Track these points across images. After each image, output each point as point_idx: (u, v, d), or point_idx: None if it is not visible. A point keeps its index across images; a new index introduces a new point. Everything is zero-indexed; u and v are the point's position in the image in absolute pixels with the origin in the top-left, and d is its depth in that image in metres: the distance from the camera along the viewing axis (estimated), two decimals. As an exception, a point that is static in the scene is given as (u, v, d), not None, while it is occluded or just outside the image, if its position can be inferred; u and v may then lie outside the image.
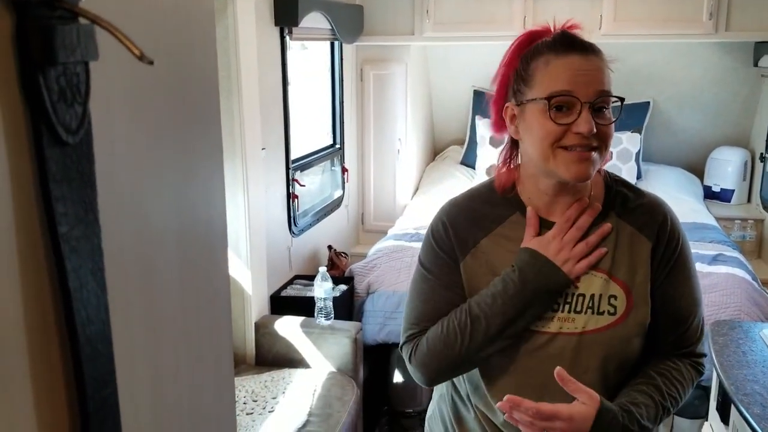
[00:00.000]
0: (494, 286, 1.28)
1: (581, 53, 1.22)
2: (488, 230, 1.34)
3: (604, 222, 1.31)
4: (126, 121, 0.53)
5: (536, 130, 1.24)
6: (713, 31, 3.70)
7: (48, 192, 0.40)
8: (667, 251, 1.31)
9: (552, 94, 1.21)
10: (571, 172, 1.22)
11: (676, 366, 1.32)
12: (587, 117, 1.18)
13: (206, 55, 0.66)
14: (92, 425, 0.44)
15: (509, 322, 1.26)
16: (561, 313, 1.28)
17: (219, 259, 0.71)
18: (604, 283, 1.28)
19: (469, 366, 1.33)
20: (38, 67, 0.39)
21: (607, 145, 1.24)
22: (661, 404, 1.26)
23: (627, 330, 1.27)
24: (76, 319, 0.42)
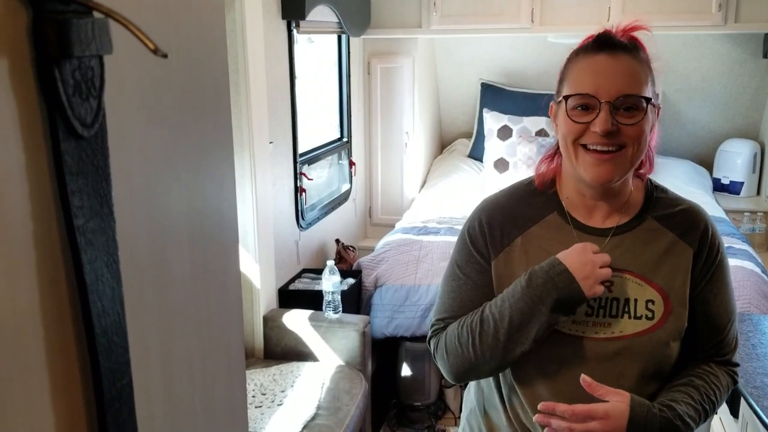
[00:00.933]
0: (507, 288, 1.27)
1: (610, 53, 1.22)
2: (523, 229, 1.33)
3: (642, 225, 1.31)
4: (139, 115, 0.53)
5: (561, 128, 1.26)
6: (722, 23, 3.68)
7: (64, 185, 0.41)
8: (708, 259, 1.30)
9: (570, 94, 1.23)
10: (590, 175, 1.22)
11: (713, 371, 1.31)
12: (604, 116, 1.18)
13: (216, 48, 0.66)
14: (108, 415, 0.45)
15: (516, 327, 1.23)
16: (596, 317, 1.27)
17: (230, 252, 0.71)
18: (639, 287, 1.27)
19: (488, 368, 1.30)
20: (54, 61, 0.39)
21: (637, 144, 1.21)
22: (701, 405, 1.25)
23: (665, 335, 1.26)
24: (92, 311, 0.43)
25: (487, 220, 1.35)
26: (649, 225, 1.31)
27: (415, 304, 3.22)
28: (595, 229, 1.31)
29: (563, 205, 1.33)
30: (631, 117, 1.20)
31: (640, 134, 1.21)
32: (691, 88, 4.57)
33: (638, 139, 1.21)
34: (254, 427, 2.41)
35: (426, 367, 3.33)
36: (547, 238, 1.31)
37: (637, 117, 1.21)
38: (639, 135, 1.21)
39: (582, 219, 1.32)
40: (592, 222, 1.32)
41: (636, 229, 1.31)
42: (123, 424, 0.46)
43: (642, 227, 1.31)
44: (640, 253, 1.29)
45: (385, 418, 3.47)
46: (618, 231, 1.31)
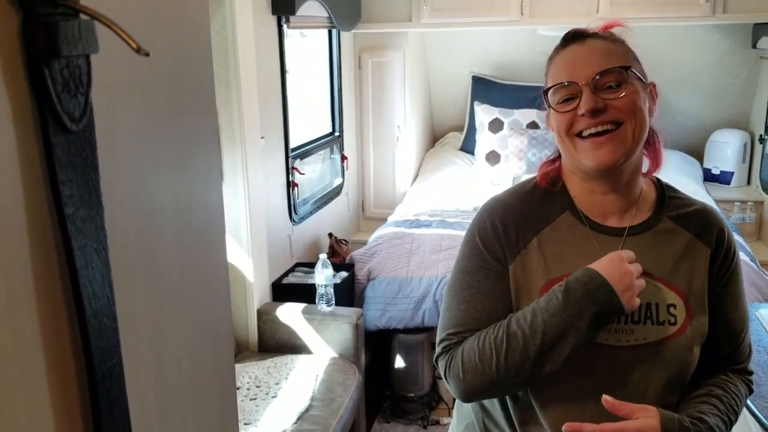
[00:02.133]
0: (537, 301, 1.17)
1: (580, 42, 1.22)
2: (538, 230, 1.25)
3: (658, 226, 1.25)
4: (126, 110, 0.56)
5: (553, 124, 1.23)
6: (710, 14, 3.70)
7: (54, 176, 0.44)
8: (725, 260, 1.25)
9: (549, 87, 1.22)
10: (592, 160, 1.17)
11: (732, 380, 1.26)
12: (587, 97, 1.15)
13: (201, 46, 0.69)
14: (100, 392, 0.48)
15: (550, 344, 1.13)
16: (617, 324, 1.19)
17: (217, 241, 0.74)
18: (659, 290, 1.21)
19: (511, 387, 1.20)
20: (43, 61, 0.42)
21: (632, 117, 1.16)
22: (726, 416, 1.20)
23: (689, 340, 1.21)
24: (83, 294, 0.45)
25: (500, 221, 1.26)
26: (665, 225, 1.25)
27: (408, 296, 3.25)
28: (611, 229, 1.24)
29: (574, 202, 1.26)
30: (617, 92, 1.17)
31: (633, 105, 1.17)
32: (681, 79, 4.60)
33: (632, 111, 1.17)
34: (249, 419, 2.43)
35: (419, 359, 3.36)
36: (563, 240, 1.24)
37: (623, 89, 1.17)
38: (631, 106, 1.16)
39: (596, 218, 1.25)
40: (607, 221, 1.25)
41: (652, 229, 1.25)
42: (114, 400, 0.49)
43: (658, 228, 1.25)
44: (657, 254, 1.23)
45: (379, 409, 3.50)
46: (633, 231, 1.24)
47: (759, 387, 1.78)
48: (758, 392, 1.76)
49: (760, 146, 4.35)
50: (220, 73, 2.67)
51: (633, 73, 1.19)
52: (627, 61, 1.20)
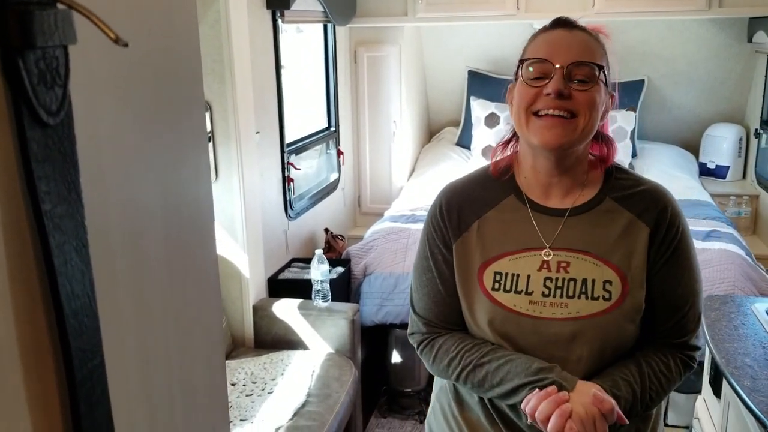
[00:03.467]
0: (516, 358, 1.26)
1: (567, 29, 1.28)
2: (480, 213, 1.34)
3: (600, 206, 1.31)
4: (108, 103, 0.54)
5: (516, 98, 1.28)
6: (706, 8, 3.69)
7: (31, 172, 0.42)
8: (666, 238, 1.29)
9: (525, 59, 1.27)
10: (539, 138, 1.24)
11: (665, 359, 1.30)
12: (557, 79, 1.21)
13: (188, 37, 0.67)
14: (80, 395, 0.46)
15: (505, 394, 1.26)
16: (553, 298, 1.27)
17: (207, 237, 0.73)
18: (597, 267, 1.27)
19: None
20: (17, 52, 0.40)
21: (587, 112, 1.23)
22: (640, 398, 1.25)
23: (622, 316, 1.26)
24: (61, 293, 0.44)
25: (446, 206, 1.37)
26: (606, 206, 1.31)
27: (404, 291, 3.24)
28: (552, 209, 1.32)
29: (520, 188, 1.35)
30: (584, 86, 1.23)
31: (592, 103, 1.23)
32: (677, 73, 4.59)
33: (590, 109, 1.23)
34: (245, 415, 2.42)
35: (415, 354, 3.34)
36: (502, 221, 1.33)
37: (589, 86, 1.23)
38: (590, 104, 1.23)
39: (539, 200, 1.33)
40: (549, 203, 1.33)
41: (593, 210, 1.31)
42: (95, 403, 0.48)
43: (599, 208, 1.31)
44: (597, 233, 1.30)
45: (375, 404, 3.49)
46: (575, 211, 1.32)
47: (755, 381, 1.78)
48: (754, 387, 1.76)
49: (756, 140, 4.34)
50: (214, 68, 2.66)
51: (604, 74, 1.26)
52: (602, 60, 1.27)
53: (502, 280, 1.30)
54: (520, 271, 1.29)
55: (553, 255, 1.29)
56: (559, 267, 1.29)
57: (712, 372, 2.20)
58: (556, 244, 1.30)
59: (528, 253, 1.30)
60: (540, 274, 1.29)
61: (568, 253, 1.29)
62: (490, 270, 1.31)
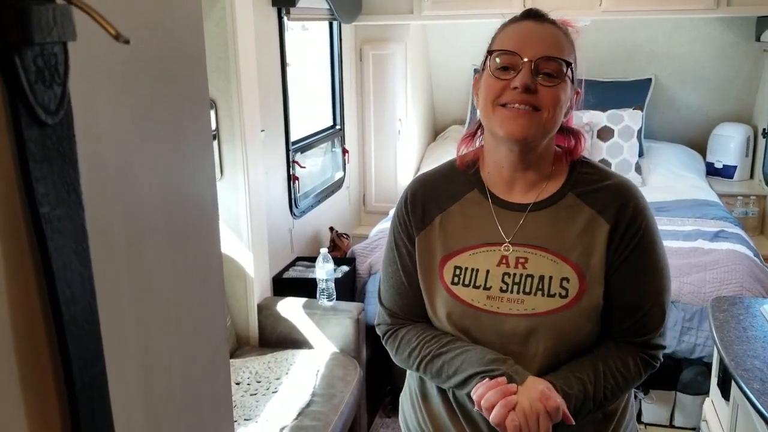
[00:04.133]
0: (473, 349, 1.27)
1: (537, 21, 1.27)
2: (444, 207, 1.35)
3: (561, 202, 1.31)
4: (110, 102, 0.53)
5: (482, 89, 1.28)
6: (715, 6, 3.66)
7: (28, 173, 0.40)
8: (626, 235, 1.27)
9: (493, 50, 1.27)
10: (504, 128, 1.23)
11: (623, 357, 1.28)
12: (525, 73, 1.21)
13: (193, 33, 0.66)
14: (80, 403, 0.45)
15: (455, 381, 1.27)
16: (510, 293, 1.27)
17: (211, 237, 0.71)
18: (555, 264, 1.27)
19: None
20: (14, 48, 0.39)
21: (551, 108, 1.23)
22: (592, 397, 1.24)
23: (578, 313, 1.25)
24: (60, 299, 0.42)
25: (411, 200, 1.38)
26: (568, 201, 1.30)
27: (409, 290, 3.22)
28: (513, 204, 1.32)
29: (484, 182, 1.35)
30: (550, 81, 1.23)
31: (557, 100, 1.23)
32: (684, 72, 4.56)
33: (554, 105, 1.23)
34: (249, 415, 2.41)
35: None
36: (465, 215, 1.33)
37: (556, 82, 1.23)
38: (555, 100, 1.23)
39: (501, 194, 1.33)
40: (512, 198, 1.33)
41: (554, 205, 1.31)
42: (96, 411, 0.46)
43: (561, 204, 1.31)
44: (557, 229, 1.29)
45: (380, 404, 3.48)
46: (536, 207, 1.31)
47: (765, 384, 1.76)
48: (764, 389, 1.74)
49: (764, 140, 4.32)
50: (219, 65, 2.64)
51: (571, 71, 1.25)
52: (570, 56, 1.26)
53: (461, 275, 1.30)
54: (480, 266, 1.30)
55: (512, 250, 1.29)
56: (518, 263, 1.28)
57: (721, 374, 2.18)
58: (516, 240, 1.30)
59: (488, 248, 1.31)
60: (499, 269, 1.29)
61: (526, 248, 1.29)
62: (450, 264, 1.32)
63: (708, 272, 2.99)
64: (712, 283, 2.94)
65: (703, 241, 3.25)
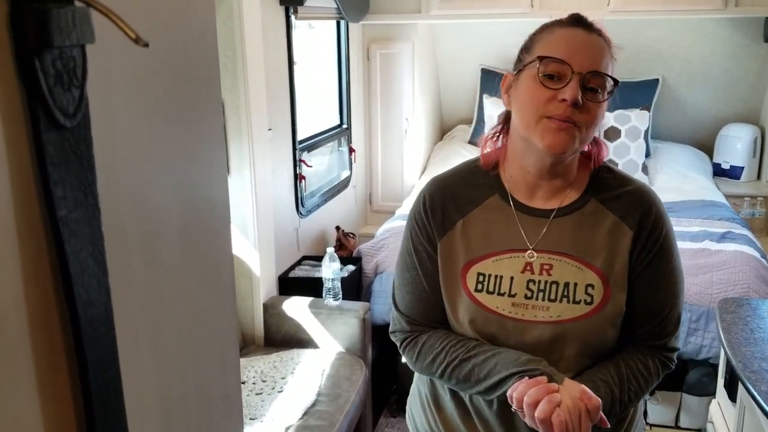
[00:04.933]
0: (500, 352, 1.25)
1: (587, 30, 1.23)
2: (465, 212, 1.31)
3: (584, 208, 1.29)
4: (125, 104, 0.53)
5: (524, 95, 1.23)
6: (723, 7, 3.65)
7: (46, 176, 0.40)
8: (648, 241, 1.28)
9: (544, 55, 1.21)
10: (546, 141, 1.19)
11: (644, 360, 1.29)
12: (574, 86, 1.17)
13: (206, 35, 0.66)
14: (96, 406, 0.45)
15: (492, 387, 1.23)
16: (535, 300, 1.26)
17: (222, 239, 0.71)
18: (579, 271, 1.26)
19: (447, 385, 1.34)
20: (34, 51, 0.39)
21: (589, 125, 1.20)
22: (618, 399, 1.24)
23: (603, 320, 1.25)
24: (77, 302, 0.42)
25: (430, 203, 1.34)
26: (591, 207, 1.29)
27: (415, 290, 3.22)
28: (536, 210, 1.30)
29: (505, 187, 1.32)
30: (595, 97, 1.20)
31: (597, 119, 1.21)
32: (692, 73, 4.55)
33: (593, 123, 1.21)
34: (255, 414, 2.41)
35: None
36: (487, 221, 1.30)
37: (600, 99, 1.20)
38: (595, 118, 1.21)
39: (523, 200, 1.31)
40: (534, 203, 1.30)
41: (577, 211, 1.29)
42: (111, 414, 0.46)
43: (584, 210, 1.30)
44: (581, 236, 1.28)
45: (385, 404, 3.48)
46: (559, 213, 1.29)
47: (773, 387, 1.75)
48: (772, 392, 1.73)
49: (772, 141, 4.30)
50: (227, 64, 2.64)
51: (614, 89, 1.22)
52: (613, 73, 1.23)
53: (485, 281, 1.28)
54: (504, 273, 1.28)
55: (536, 257, 1.27)
56: (542, 269, 1.27)
57: (727, 375, 2.17)
58: (540, 246, 1.28)
59: (511, 255, 1.29)
60: (523, 276, 1.27)
61: (551, 255, 1.27)
62: (473, 270, 1.29)
63: (715, 273, 2.98)
64: (719, 284, 2.93)
65: (710, 242, 3.24)
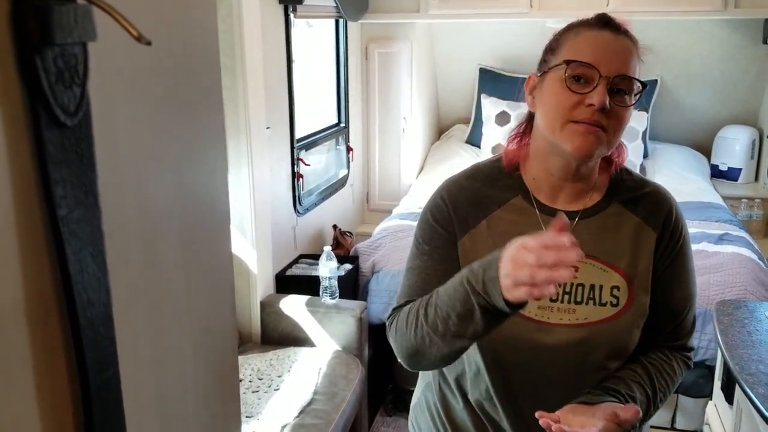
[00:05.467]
0: (456, 276, 1.13)
1: (614, 32, 1.20)
2: (488, 212, 1.29)
3: (607, 210, 1.29)
4: (127, 103, 0.52)
5: (550, 98, 1.21)
6: (722, 8, 3.65)
7: (47, 175, 0.40)
8: (671, 242, 1.29)
9: (572, 59, 1.18)
10: (574, 144, 1.17)
11: (668, 360, 1.30)
12: (602, 90, 1.14)
13: (207, 34, 0.65)
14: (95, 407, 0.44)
15: (455, 324, 1.11)
16: (560, 303, 1.24)
17: (222, 239, 0.71)
18: (604, 273, 1.25)
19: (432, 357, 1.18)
20: (35, 49, 0.38)
21: (617, 130, 1.18)
22: (652, 399, 1.25)
23: (629, 321, 1.25)
24: (77, 303, 0.42)
25: (450, 200, 1.30)
26: (614, 209, 1.29)
27: (412, 290, 3.22)
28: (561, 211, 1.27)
29: (528, 188, 1.29)
30: (622, 100, 1.18)
31: (624, 123, 1.19)
32: (691, 74, 4.55)
33: (620, 128, 1.19)
34: (251, 412, 2.41)
35: (423, 353, 3.33)
36: (512, 222, 1.27)
37: (628, 101, 1.18)
38: (623, 123, 1.19)
39: (546, 201, 1.29)
40: (557, 205, 1.28)
41: (601, 213, 1.29)
42: (110, 414, 0.46)
43: (607, 212, 1.29)
44: (605, 238, 1.27)
45: (381, 403, 3.48)
46: (584, 215, 1.28)
47: (770, 389, 1.75)
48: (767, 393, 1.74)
49: (769, 143, 4.31)
50: (225, 62, 2.63)
51: (642, 92, 1.21)
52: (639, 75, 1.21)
53: None
54: None
55: None
56: None
57: (724, 378, 2.17)
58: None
59: None
60: None
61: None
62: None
63: (712, 275, 2.98)
64: (716, 286, 2.93)
65: (708, 244, 3.24)
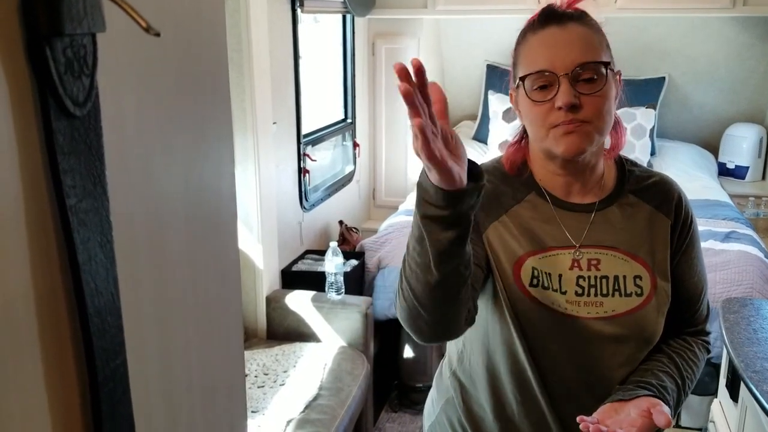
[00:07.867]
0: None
1: (559, 24, 1.18)
2: (507, 207, 1.27)
3: (621, 200, 1.28)
4: (135, 94, 0.53)
5: (526, 112, 1.22)
6: (730, 6, 3.64)
7: (56, 164, 0.40)
8: (683, 228, 1.30)
9: (525, 74, 1.18)
10: (562, 148, 1.17)
11: (690, 346, 1.31)
12: (565, 89, 1.14)
13: (215, 26, 0.66)
14: (102, 395, 0.45)
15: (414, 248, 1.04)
16: (587, 297, 1.24)
17: (228, 231, 0.71)
18: (626, 263, 1.26)
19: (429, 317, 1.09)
20: (45, 39, 0.39)
21: (599, 116, 1.16)
22: (682, 387, 1.25)
23: (655, 309, 1.25)
24: (85, 291, 0.42)
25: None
26: (628, 199, 1.29)
27: (418, 286, 3.21)
28: (576, 206, 1.28)
29: (540, 186, 1.29)
30: (593, 86, 1.16)
31: (603, 107, 1.17)
32: (698, 72, 4.53)
33: (601, 113, 1.17)
34: (256, 407, 2.42)
35: (428, 349, 3.33)
36: (528, 217, 1.27)
37: (599, 85, 1.16)
38: (601, 108, 1.16)
39: (561, 197, 1.29)
40: (571, 199, 1.28)
41: (616, 203, 1.29)
42: (117, 403, 0.46)
43: (622, 202, 1.29)
44: (623, 228, 1.28)
45: (386, 399, 3.48)
46: (601, 206, 1.28)
47: (775, 387, 1.75)
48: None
49: (777, 141, 4.29)
50: (232, 57, 2.64)
51: (610, 69, 1.18)
52: (604, 51, 1.19)
53: (540, 276, 1.24)
54: (552, 270, 1.24)
55: (582, 253, 1.25)
56: (590, 265, 1.25)
57: (729, 375, 2.17)
58: (585, 242, 1.26)
59: (557, 252, 1.26)
60: (572, 272, 1.24)
61: (597, 250, 1.26)
62: (528, 265, 1.24)
63: (718, 273, 2.98)
64: (723, 283, 2.93)
65: (714, 242, 3.23)
